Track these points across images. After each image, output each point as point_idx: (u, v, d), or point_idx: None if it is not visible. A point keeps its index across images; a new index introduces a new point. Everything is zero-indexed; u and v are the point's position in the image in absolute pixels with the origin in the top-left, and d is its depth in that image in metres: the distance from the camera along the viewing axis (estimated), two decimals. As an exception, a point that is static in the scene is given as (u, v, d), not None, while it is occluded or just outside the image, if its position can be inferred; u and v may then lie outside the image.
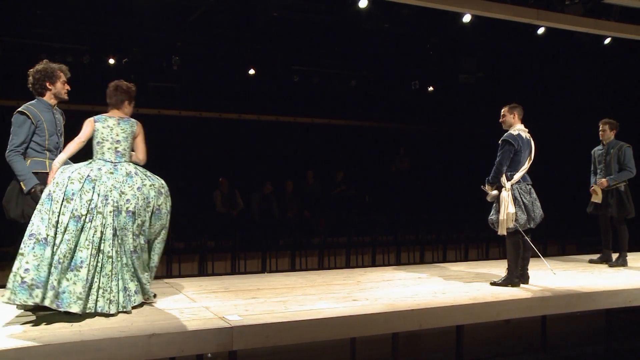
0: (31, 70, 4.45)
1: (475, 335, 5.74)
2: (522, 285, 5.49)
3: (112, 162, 4.32)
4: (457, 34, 11.13)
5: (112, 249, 4.09)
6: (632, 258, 6.93)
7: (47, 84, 4.43)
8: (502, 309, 4.94)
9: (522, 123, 5.60)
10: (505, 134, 5.51)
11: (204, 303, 4.60)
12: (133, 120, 4.55)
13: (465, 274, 6.23)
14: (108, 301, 4.03)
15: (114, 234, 4.12)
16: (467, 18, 9.30)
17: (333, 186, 12.09)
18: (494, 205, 5.52)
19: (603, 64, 11.57)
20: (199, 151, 12.05)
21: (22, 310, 4.12)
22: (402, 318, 4.50)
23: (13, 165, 4.26)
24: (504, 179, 5.41)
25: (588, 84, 12.13)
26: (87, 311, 3.96)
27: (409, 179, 13.21)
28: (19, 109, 4.34)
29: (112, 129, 4.40)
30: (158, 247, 4.51)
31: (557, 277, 5.90)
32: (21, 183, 4.22)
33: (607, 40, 9.84)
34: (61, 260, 3.89)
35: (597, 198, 6.91)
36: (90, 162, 4.30)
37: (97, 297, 4.00)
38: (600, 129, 7.00)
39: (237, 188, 10.73)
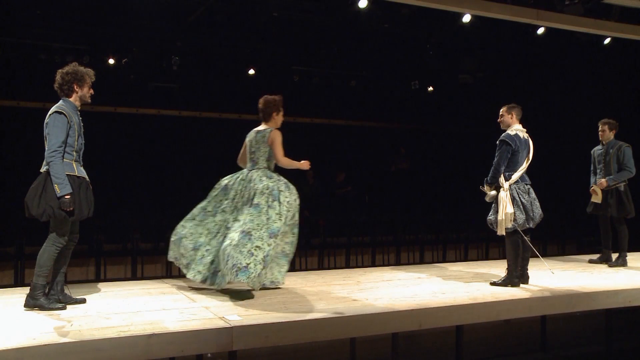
0: (60, 70, 4.43)
1: (475, 335, 5.74)
2: (521, 285, 5.49)
3: (248, 170, 5.22)
4: (457, 34, 11.13)
5: (219, 238, 5.00)
6: (632, 258, 6.93)
7: (75, 87, 4.43)
8: (502, 309, 4.94)
9: (520, 123, 5.60)
10: (503, 134, 5.52)
11: (204, 303, 4.61)
12: (268, 129, 5.21)
13: (465, 274, 6.23)
14: (215, 274, 4.89)
15: (226, 227, 5.01)
16: (467, 18, 9.30)
17: (334, 186, 12.08)
18: (493, 205, 5.52)
19: (603, 64, 11.56)
20: (199, 151, 12.04)
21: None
22: (402, 318, 4.50)
23: (52, 166, 4.20)
24: (502, 179, 5.41)
25: (588, 84, 12.13)
26: (201, 281, 5.00)
27: (409, 179, 13.20)
28: (57, 110, 4.30)
29: (251, 141, 5.27)
30: (265, 242, 4.78)
31: (557, 277, 5.91)
32: (55, 185, 4.17)
33: (607, 40, 9.84)
34: (190, 242, 5.08)
35: (596, 198, 6.91)
36: (239, 171, 5.32)
37: (211, 271, 4.95)
38: (600, 129, 7.00)
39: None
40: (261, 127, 5.26)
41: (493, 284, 5.56)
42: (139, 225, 9.73)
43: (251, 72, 11.88)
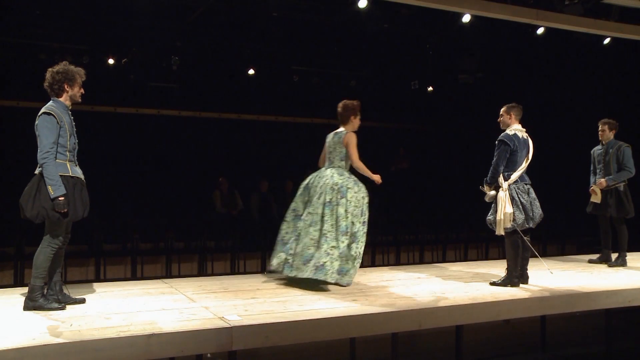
0: (51, 69, 4.38)
1: (475, 335, 5.74)
2: (521, 285, 5.49)
3: (325, 169, 5.64)
4: (457, 34, 11.13)
5: (304, 233, 5.35)
6: (632, 258, 6.93)
7: (66, 86, 4.37)
8: (501, 309, 4.94)
9: (519, 123, 5.60)
10: (501, 134, 5.52)
11: (203, 303, 4.60)
12: (344, 131, 5.65)
13: (465, 274, 6.23)
14: (301, 267, 5.21)
15: (309, 224, 5.34)
16: (466, 18, 9.30)
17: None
18: (492, 205, 5.52)
19: (603, 64, 11.56)
20: (198, 151, 12.04)
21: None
22: (402, 318, 4.50)
23: (45, 167, 4.17)
24: (501, 179, 5.41)
25: (588, 84, 12.12)
26: (287, 273, 5.34)
27: (409, 179, 13.19)
28: (45, 111, 4.26)
29: (329, 142, 5.71)
30: (330, 241, 5.25)
31: (557, 277, 5.91)
32: (49, 187, 4.15)
33: (607, 40, 9.84)
34: (285, 239, 5.56)
35: (596, 198, 6.90)
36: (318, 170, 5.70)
37: (297, 266, 5.26)
38: (600, 129, 6.99)
39: (236, 188, 10.72)
40: (339, 130, 5.71)
41: (493, 284, 5.56)
42: (139, 225, 9.73)
43: (251, 72, 11.89)
